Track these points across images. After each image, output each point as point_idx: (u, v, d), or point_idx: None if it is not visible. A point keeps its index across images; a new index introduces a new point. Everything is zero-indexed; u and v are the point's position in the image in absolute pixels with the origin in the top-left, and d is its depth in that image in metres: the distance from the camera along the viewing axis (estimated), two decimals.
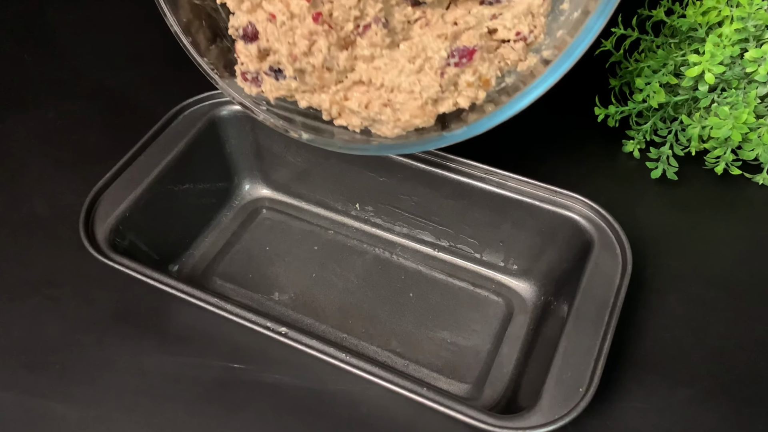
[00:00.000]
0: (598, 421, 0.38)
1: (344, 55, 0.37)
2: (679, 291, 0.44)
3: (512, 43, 0.37)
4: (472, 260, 0.46)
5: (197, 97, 0.48)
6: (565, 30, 0.36)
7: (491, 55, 0.37)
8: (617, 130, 0.53)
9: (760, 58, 0.43)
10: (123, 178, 0.43)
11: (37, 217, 0.48)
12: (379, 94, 0.38)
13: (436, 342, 0.42)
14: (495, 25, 0.36)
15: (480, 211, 0.44)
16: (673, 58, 0.48)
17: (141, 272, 0.38)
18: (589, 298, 0.37)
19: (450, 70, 0.36)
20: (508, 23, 0.36)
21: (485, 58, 0.36)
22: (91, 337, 0.41)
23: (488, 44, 0.37)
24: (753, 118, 0.44)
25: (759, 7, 0.43)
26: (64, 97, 0.58)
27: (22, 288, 0.44)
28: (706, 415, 0.38)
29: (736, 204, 0.49)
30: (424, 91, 0.36)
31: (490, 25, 0.36)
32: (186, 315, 0.42)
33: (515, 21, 0.36)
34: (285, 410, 0.38)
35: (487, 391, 0.39)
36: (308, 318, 0.43)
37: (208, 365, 0.40)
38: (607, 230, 0.40)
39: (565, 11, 0.36)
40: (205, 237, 0.48)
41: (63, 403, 0.39)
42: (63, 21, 0.66)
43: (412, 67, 0.36)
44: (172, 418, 0.38)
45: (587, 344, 0.35)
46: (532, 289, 0.44)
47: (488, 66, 0.37)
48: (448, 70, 0.36)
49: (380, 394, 0.38)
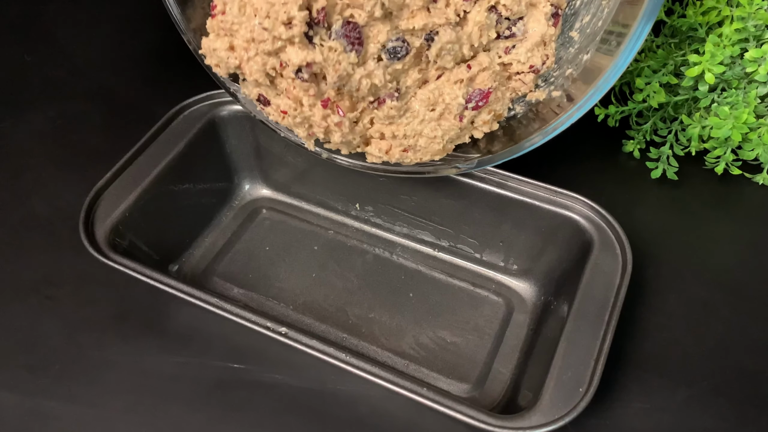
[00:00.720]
0: (598, 421, 0.38)
1: (360, 126, 0.38)
2: (679, 291, 0.44)
3: (523, 75, 0.37)
4: (472, 260, 0.46)
5: (197, 97, 0.48)
6: (573, 70, 0.36)
7: (504, 88, 0.37)
8: (617, 130, 0.53)
9: (760, 58, 0.43)
10: (123, 178, 0.43)
11: (37, 217, 0.48)
12: (400, 142, 0.39)
13: (436, 342, 0.42)
14: (509, 60, 0.36)
15: (480, 211, 0.44)
16: (673, 58, 0.48)
17: (141, 272, 0.38)
18: (589, 298, 0.37)
19: (468, 113, 0.37)
20: (522, 57, 0.36)
21: (499, 98, 0.37)
22: (91, 337, 0.41)
23: (501, 79, 0.37)
24: (753, 118, 0.44)
25: (759, 7, 0.43)
26: (64, 97, 0.58)
27: (22, 288, 0.44)
28: (706, 415, 0.38)
29: (736, 204, 0.49)
30: (445, 135, 0.37)
31: (505, 59, 0.36)
32: (186, 315, 0.42)
33: (529, 55, 0.36)
34: (285, 410, 0.38)
35: (487, 391, 0.39)
36: (308, 318, 0.43)
37: (208, 365, 0.40)
38: (607, 230, 0.40)
39: (575, 42, 0.36)
40: (205, 237, 0.48)
41: (63, 403, 0.39)
42: (63, 21, 0.66)
43: (431, 114, 0.37)
44: (172, 418, 0.38)
45: (587, 344, 0.35)
46: (532, 289, 0.44)
47: (501, 102, 0.37)
48: (467, 113, 0.36)
49: (380, 394, 0.38)
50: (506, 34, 0.36)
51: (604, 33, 0.34)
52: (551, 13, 0.35)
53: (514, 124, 0.39)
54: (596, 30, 0.34)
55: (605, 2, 0.33)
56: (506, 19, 0.35)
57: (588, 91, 0.34)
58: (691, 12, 0.46)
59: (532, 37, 0.36)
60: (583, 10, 0.35)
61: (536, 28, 0.35)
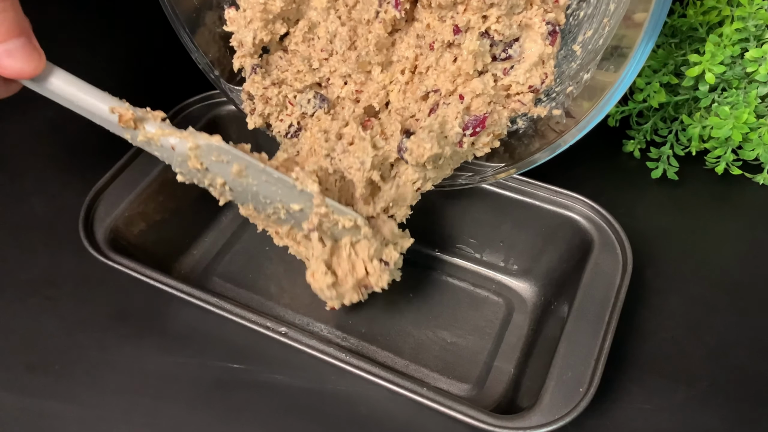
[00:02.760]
0: (598, 421, 0.38)
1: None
2: (679, 291, 0.44)
3: (522, 96, 0.37)
4: (472, 260, 0.46)
5: (197, 97, 0.48)
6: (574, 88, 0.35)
7: (501, 107, 0.37)
8: (617, 130, 0.53)
9: (760, 58, 0.43)
10: (123, 178, 0.43)
11: (36, 217, 0.48)
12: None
13: (436, 342, 0.42)
14: (508, 82, 0.36)
15: (480, 211, 0.44)
16: (673, 57, 0.48)
17: (141, 272, 0.38)
18: (589, 298, 0.37)
19: (467, 140, 0.37)
20: (521, 78, 0.36)
21: (496, 121, 0.37)
22: (91, 337, 0.41)
23: (500, 99, 0.37)
24: (753, 117, 0.44)
25: (759, 6, 0.43)
26: None
27: (22, 288, 0.44)
28: (706, 415, 0.38)
29: (737, 204, 0.49)
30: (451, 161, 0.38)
31: (505, 81, 0.36)
32: (186, 315, 0.42)
33: (528, 75, 0.36)
34: (285, 410, 0.38)
35: (487, 391, 0.39)
36: (308, 318, 0.43)
37: (208, 365, 0.40)
38: (607, 230, 0.40)
39: (577, 56, 0.35)
40: (205, 237, 0.48)
41: (63, 403, 0.39)
42: (63, 21, 0.66)
43: None
44: (172, 418, 0.38)
45: (587, 344, 0.35)
46: (532, 289, 0.44)
47: (499, 124, 0.37)
48: (465, 140, 0.36)
49: (380, 394, 0.38)
50: (503, 56, 0.36)
51: (605, 52, 0.33)
52: (548, 31, 0.34)
53: (515, 141, 0.39)
54: (597, 48, 0.34)
55: (606, 20, 0.33)
56: (501, 42, 0.35)
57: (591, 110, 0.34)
58: (691, 12, 0.46)
59: (529, 57, 0.35)
60: (586, 24, 0.35)
61: (533, 48, 0.35)
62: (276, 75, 0.39)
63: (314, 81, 0.39)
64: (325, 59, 0.39)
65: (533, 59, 0.35)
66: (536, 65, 0.35)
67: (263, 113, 0.39)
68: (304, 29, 0.38)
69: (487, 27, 0.34)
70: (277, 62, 0.39)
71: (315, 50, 0.39)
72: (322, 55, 0.38)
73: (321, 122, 0.38)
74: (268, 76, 0.39)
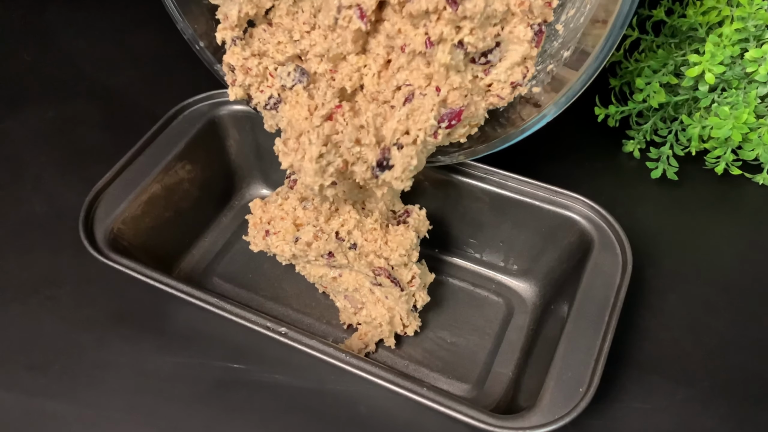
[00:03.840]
0: (598, 421, 0.38)
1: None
2: (679, 291, 0.44)
3: (500, 90, 0.36)
4: (472, 260, 0.46)
5: (197, 97, 0.48)
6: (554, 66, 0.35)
7: (479, 98, 0.36)
8: (617, 130, 0.53)
9: (760, 58, 0.43)
10: (123, 178, 0.43)
11: (37, 217, 0.48)
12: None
13: (436, 342, 0.42)
14: (489, 80, 0.36)
15: (480, 211, 0.44)
16: (673, 58, 0.48)
17: (141, 272, 0.38)
18: (589, 298, 0.37)
19: (442, 131, 0.36)
20: (502, 77, 0.35)
21: (473, 113, 0.36)
22: (91, 337, 0.41)
23: (478, 90, 0.36)
24: (753, 118, 0.44)
25: (759, 6, 0.43)
26: (64, 97, 0.58)
27: (22, 288, 0.44)
28: (706, 415, 0.38)
29: (736, 204, 0.49)
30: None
31: (486, 80, 0.36)
32: (186, 315, 0.42)
33: (509, 73, 0.35)
34: (285, 410, 0.38)
35: (487, 391, 0.39)
36: (308, 318, 0.43)
37: (208, 365, 0.40)
38: (607, 230, 0.40)
39: (559, 35, 0.35)
40: (205, 237, 0.48)
41: (63, 403, 0.39)
42: (63, 21, 0.66)
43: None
44: (172, 418, 0.38)
45: (587, 344, 0.35)
46: (532, 290, 0.44)
47: (476, 115, 0.36)
48: (440, 131, 0.35)
49: (380, 394, 0.38)
50: (482, 61, 0.35)
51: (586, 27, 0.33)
52: (534, 32, 0.34)
53: (488, 129, 0.38)
54: (578, 26, 0.33)
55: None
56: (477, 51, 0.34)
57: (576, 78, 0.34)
58: (691, 12, 0.46)
59: (511, 56, 0.35)
60: (569, 3, 0.34)
61: (517, 49, 0.34)
62: (257, 46, 0.39)
63: (295, 53, 0.38)
64: (307, 32, 0.38)
65: (515, 59, 0.35)
66: (518, 64, 0.35)
67: (243, 84, 0.39)
68: (290, 2, 0.38)
69: (460, 39, 0.33)
70: (260, 35, 0.39)
71: (298, 23, 0.38)
72: (305, 28, 0.38)
73: (299, 97, 0.37)
74: (248, 47, 0.38)
